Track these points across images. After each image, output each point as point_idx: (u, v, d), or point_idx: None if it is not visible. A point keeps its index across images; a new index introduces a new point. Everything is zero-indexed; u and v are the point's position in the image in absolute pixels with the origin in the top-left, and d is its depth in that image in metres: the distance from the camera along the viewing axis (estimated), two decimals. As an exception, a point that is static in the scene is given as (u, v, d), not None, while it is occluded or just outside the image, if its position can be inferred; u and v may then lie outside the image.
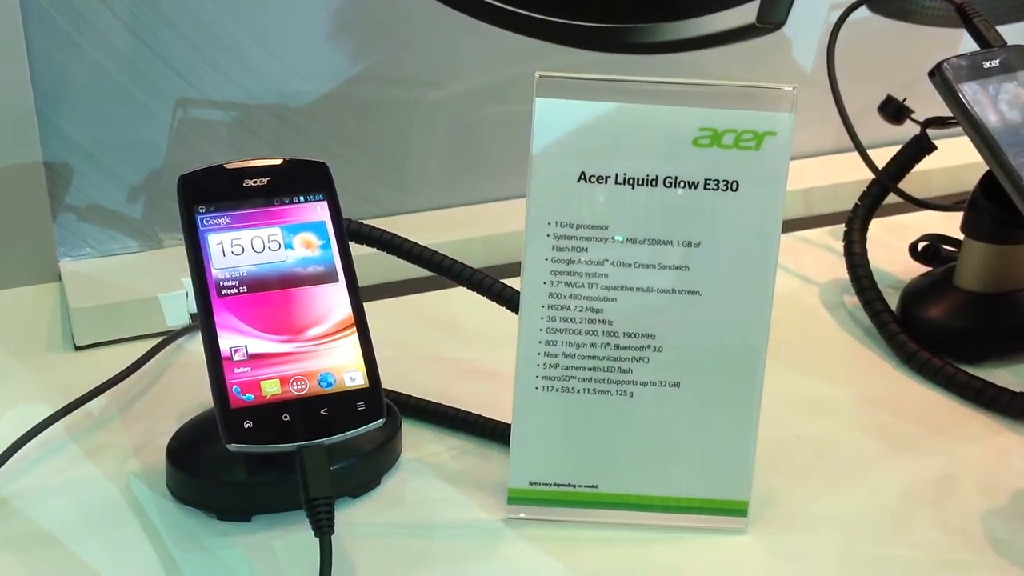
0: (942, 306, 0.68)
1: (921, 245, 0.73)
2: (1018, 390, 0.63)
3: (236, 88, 0.72)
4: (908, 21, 0.88)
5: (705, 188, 0.52)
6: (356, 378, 0.50)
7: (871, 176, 0.73)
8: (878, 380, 0.66)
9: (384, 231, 0.57)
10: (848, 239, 0.72)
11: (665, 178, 0.52)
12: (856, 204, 0.73)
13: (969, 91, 0.64)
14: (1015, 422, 0.62)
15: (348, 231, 0.54)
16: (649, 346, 0.53)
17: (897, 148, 0.73)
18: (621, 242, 0.52)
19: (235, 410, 0.48)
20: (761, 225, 0.53)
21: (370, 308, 0.52)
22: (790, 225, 0.81)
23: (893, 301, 0.70)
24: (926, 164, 0.73)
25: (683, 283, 0.53)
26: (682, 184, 0.52)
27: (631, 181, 0.52)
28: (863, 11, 0.85)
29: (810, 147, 0.88)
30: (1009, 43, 0.68)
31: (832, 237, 0.78)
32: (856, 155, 0.75)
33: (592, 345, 0.53)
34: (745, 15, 0.83)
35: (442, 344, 0.67)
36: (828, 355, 0.68)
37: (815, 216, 0.83)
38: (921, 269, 0.73)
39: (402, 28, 0.75)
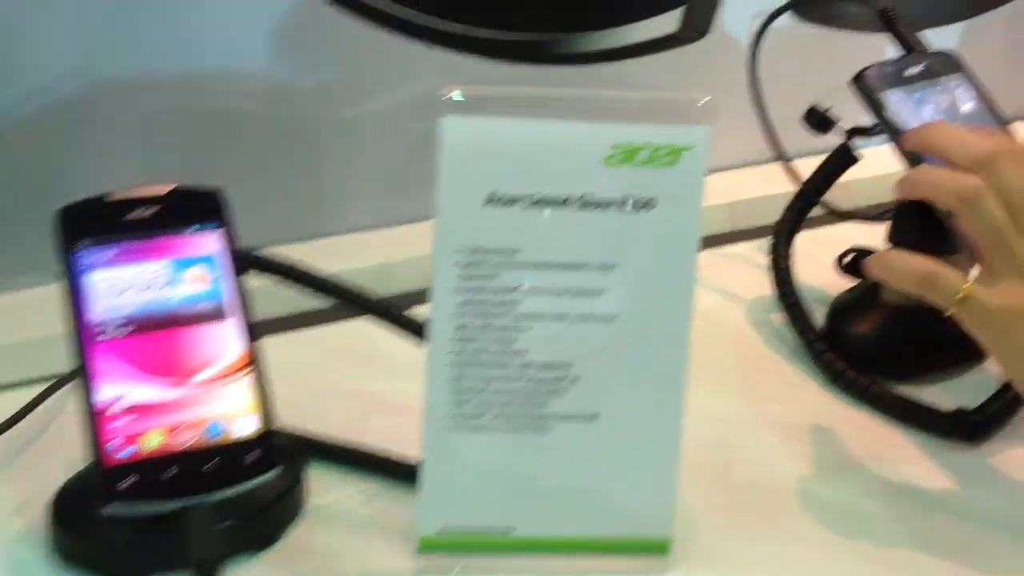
0: (869, 321, 0.66)
1: (847, 258, 0.72)
2: (946, 408, 0.61)
3: (141, 104, 0.68)
4: (834, 27, 0.87)
5: (620, 208, 0.50)
6: (248, 425, 0.47)
7: (798, 187, 0.71)
8: (806, 401, 0.64)
9: (283, 261, 0.54)
10: (773, 253, 0.70)
11: (578, 198, 0.49)
12: (781, 218, 0.71)
13: (892, 99, 0.63)
14: (946, 442, 0.60)
15: (245, 261, 0.51)
16: (565, 377, 0.50)
17: (829, 155, 0.71)
18: (533, 267, 0.50)
19: (111, 468, 0.44)
20: (679, 245, 0.51)
21: (275, 341, 0.50)
22: (715, 240, 0.80)
23: (823, 315, 0.68)
24: (853, 173, 0.71)
25: (599, 309, 0.50)
26: (596, 204, 0.50)
27: (542, 202, 0.49)
28: (791, 18, 0.83)
29: (737, 157, 0.86)
30: (935, 48, 0.67)
31: (759, 251, 0.76)
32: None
33: (504, 378, 0.50)
34: (669, 24, 0.81)
35: (355, 377, 0.64)
36: (754, 376, 0.66)
37: (741, 230, 0.81)
38: (851, 282, 0.71)
39: (320, 44, 0.72)
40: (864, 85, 0.63)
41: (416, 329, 0.54)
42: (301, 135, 0.73)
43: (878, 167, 0.73)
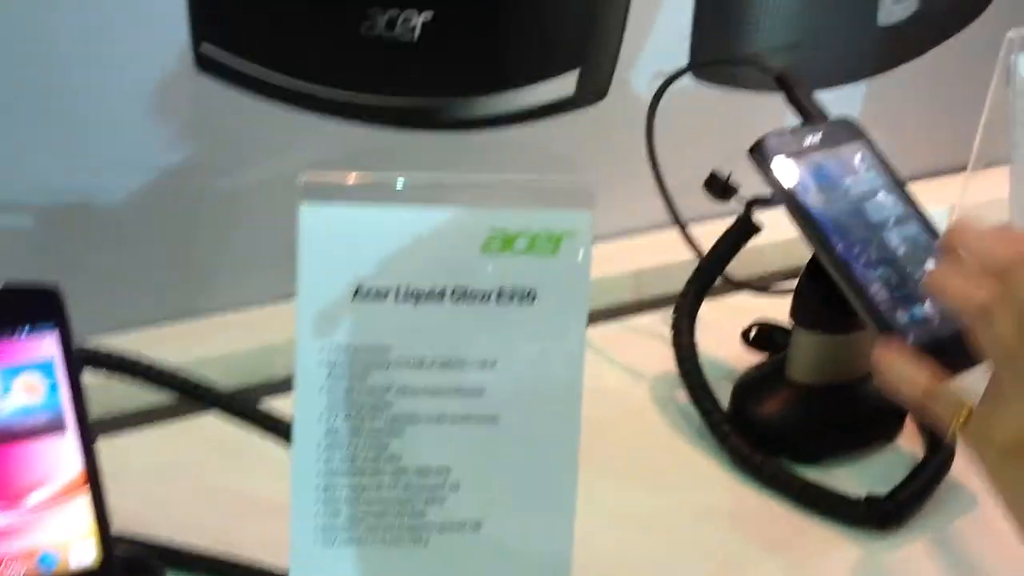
0: (775, 401, 0.63)
1: (752, 332, 0.69)
2: (857, 494, 0.58)
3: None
4: (737, 88, 0.85)
5: (499, 300, 0.46)
6: (85, 552, 0.42)
7: (699, 255, 0.69)
8: (712, 487, 0.61)
9: (128, 358, 0.49)
10: (676, 329, 0.66)
11: (453, 290, 0.46)
12: (682, 292, 0.67)
13: (789, 170, 0.61)
14: (855, 530, 0.57)
15: (85, 359, 0.46)
16: (444, 483, 0.47)
17: (729, 226, 0.68)
18: (407, 365, 0.46)
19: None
20: (563, 338, 0.47)
21: (140, 437, 0.45)
22: (619, 311, 0.77)
23: (728, 392, 0.65)
24: (761, 239, 0.68)
25: (478, 408, 0.46)
26: (473, 296, 0.46)
27: (414, 295, 0.46)
28: (694, 79, 0.81)
29: (644, 220, 0.83)
30: (833, 115, 0.65)
31: (665, 324, 0.73)
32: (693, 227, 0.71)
33: (378, 487, 0.46)
34: (565, 87, 0.78)
35: (229, 474, 0.59)
36: (657, 460, 0.63)
37: (648, 299, 0.78)
38: (758, 355, 0.69)
39: (194, 114, 0.67)
40: (760, 155, 0.61)
41: (278, 428, 0.50)
42: (176, 209, 0.69)
43: (788, 230, 0.70)
